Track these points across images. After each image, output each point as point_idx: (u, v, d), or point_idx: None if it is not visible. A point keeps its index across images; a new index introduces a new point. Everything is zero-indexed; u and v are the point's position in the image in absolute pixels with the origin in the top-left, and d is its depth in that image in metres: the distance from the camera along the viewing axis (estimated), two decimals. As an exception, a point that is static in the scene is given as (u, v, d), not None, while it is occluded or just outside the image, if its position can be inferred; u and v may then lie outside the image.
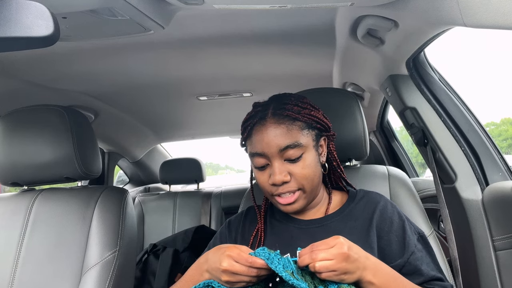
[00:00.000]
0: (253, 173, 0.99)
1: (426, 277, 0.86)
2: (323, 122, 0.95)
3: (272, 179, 0.89)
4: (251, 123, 0.92)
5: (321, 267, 0.71)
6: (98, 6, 0.87)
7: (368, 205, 0.96)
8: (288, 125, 0.89)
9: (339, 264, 0.72)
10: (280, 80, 1.83)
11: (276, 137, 0.88)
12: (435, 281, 0.86)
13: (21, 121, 1.25)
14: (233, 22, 1.19)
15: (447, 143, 1.21)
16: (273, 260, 0.72)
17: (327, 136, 0.98)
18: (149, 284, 1.96)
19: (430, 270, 0.87)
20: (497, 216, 1.11)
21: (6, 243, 1.19)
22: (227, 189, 2.68)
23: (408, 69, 1.23)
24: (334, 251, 0.73)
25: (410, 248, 0.88)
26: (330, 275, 0.73)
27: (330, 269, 0.72)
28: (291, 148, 0.88)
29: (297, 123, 0.90)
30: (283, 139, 0.88)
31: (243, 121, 0.96)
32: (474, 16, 0.68)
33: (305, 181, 0.90)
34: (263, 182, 0.92)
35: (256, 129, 0.91)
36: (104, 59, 1.42)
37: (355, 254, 0.75)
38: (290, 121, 0.90)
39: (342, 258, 0.72)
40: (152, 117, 2.36)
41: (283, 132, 0.88)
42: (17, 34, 0.51)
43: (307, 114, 0.92)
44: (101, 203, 1.21)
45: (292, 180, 0.89)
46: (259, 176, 0.93)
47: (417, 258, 0.87)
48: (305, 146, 0.90)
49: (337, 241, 0.75)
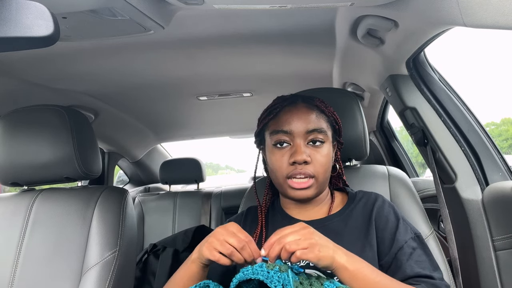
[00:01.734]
0: (258, 167, 1.00)
1: (412, 273, 0.84)
2: (340, 126, 1.02)
3: (294, 156, 0.91)
4: (280, 105, 0.97)
5: (291, 244, 0.73)
6: (98, 6, 0.87)
7: (367, 205, 0.97)
8: (317, 113, 0.96)
9: (308, 240, 0.74)
10: (280, 80, 1.83)
11: (306, 120, 0.94)
12: (424, 278, 0.84)
13: (21, 121, 1.25)
14: (233, 22, 1.19)
15: (447, 143, 1.21)
16: (273, 279, 0.70)
17: (337, 141, 1.03)
18: (149, 284, 1.96)
19: (418, 268, 0.85)
20: (497, 216, 1.11)
21: (6, 243, 1.19)
22: (227, 189, 2.68)
23: (408, 69, 1.23)
24: (300, 230, 0.75)
25: (399, 243, 0.88)
26: (305, 253, 0.73)
27: (300, 245, 0.73)
28: (318, 132, 0.93)
29: (323, 116, 0.97)
30: (312, 123, 0.94)
31: (267, 107, 1.01)
32: (474, 16, 0.68)
33: (321, 169, 0.93)
34: (280, 162, 0.93)
35: (286, 110, 0.96)
36: (104, 59, 1.42)
37: (323, 237, 0.78)
38: (319, 111, 0.97)
39: (308, 234, 0.75)
40: (152, 117, 2.36)
41: (312, 117, 0.95)
42: (17, 34, 0.51)
43: (331, 112, 1.00)
44: (101, 203, 1.21)
45: (310, 164, 0.92)
46: (277, 156, 0.94)
47: (405, 253, 0.87)
48: (327, 136, 0.96)
49: (301, 223, 0.78)
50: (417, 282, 0.83)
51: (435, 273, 0.86)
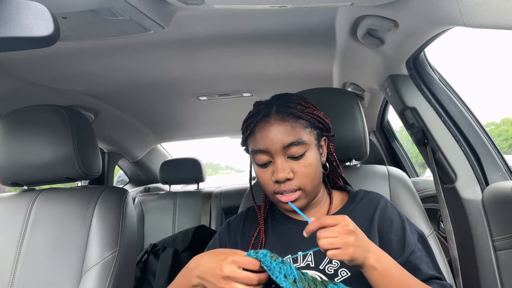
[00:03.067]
0: (253, 172, 0.98)
1: (426, 276, 0.85)
2: (325, 122, 0.96)
3: (275, 175, 0.89)
4: (254, 120, 0.92)
5: (325, 242, 0.72)
6: (98, 6, 0.87)
7: (368, 205, 0.97)
8: (292, 122, 0.90)
9: (343, 240, 0.73)
10: (280, 80, 1.83)
11: (280, 134, 0.88)
12: (433, 279, 0.86)
13: (21, 121, 1.25)
14: (233, 22, 1.19)
15: (447, 143, 1.21)
16: (274, 270, 0.71)
17: (327, 136, 0.99)
18: (149, 284, 1.96)
19: (429, 269, 0.87)
20: (497, 216, 1.11)
21: (6, 243, 1.19)
22: (227, 189, 2.68)
23: (408, 69, 1.23)
24: (338, 227, 0.74)
25: (410, 247, 0.88)
26: (337, 254, 0.73)
27: (334, 245, 0.72)
28: (295, 145, 0.88)
29: (300, 121, 0.91)
30: (287, 136, 0.88)
31: (245, 119, 0.96)
32: (474, 16, 0.68)
33: (307, 180, 0.90)
34: (265, 180, 0.92)
35: (260, 126, 0.91)
36: (104, 59, 1.42)
37: (360, 233, 0.76)
38: (294, 119, 0.90)
39: (345, 233, 0.74)
40: (152, 117, 2.36)
41: (287, 129, 0.89)
42: (17, 34, 0.51)
43: (310, 113, 0.93)
44: (101, 203, 1.21)
45: (294, 178, 0.89)
46: (261, 174, 0.93)
47: (417, 257, 0.87)
48: (308, 144, 0.90)
49: (344, 218, 0.76)
50: (429, 283, 0.85)
51: (441, 274, 0.88)
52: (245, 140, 0.97)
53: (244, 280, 0.72)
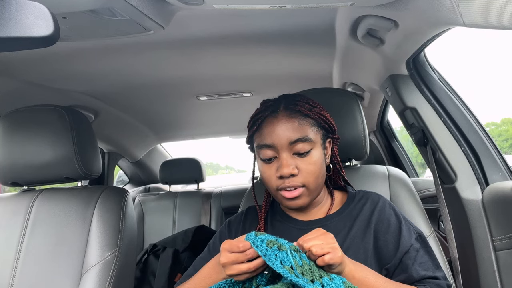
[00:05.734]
0: (256, 168, 0.99)
1: (418, 276, 0.86)
2: (331, 123, 0.98)
3: (280, 171, 0.89)
4: (262, 116, 0.94)
5: (317, 248, 0.74)
6: (98, 6, 0.87)
7: (367, 205, 0.97)
8: (299, 119, 0.91)
9: (330, 245, 0.76)
10: (280, 80, 1.83)
11: (287, 130, 0.90)
12: (428, 279, 0.86)
13: (21, 121, 1.25)
14: (233, 22, 1.19)
15: (447, 143, 1.21)
16: (270, 256, 0.72)
17: (332, 138, 1.00)
18: (149, 284, 1.96)
19: (421, 269, 0.87)
20: (497, 216, 1.11)
21: (6, 243, 1.19)
22: (227, 189, 2.68)
23: (408, 69, 1.23)
24: (320, 236, 0.78)
25: (404, 247, 0.88)
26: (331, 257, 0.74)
27: (325, 250, 0.74)
28: (301, 142, 0.90)
29: (308, 120, 0.93)
30: (294, 132, 0.90)
31: (252, 115, 0.98)
32: (474, 16, 0.68)
33: (311, 178, 0.91)
34: (269, 176, 0.92)
35: (268, 122, 0.93)
36: (104, 59, 1.42)
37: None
38: (302, 117, 0.92)
39: (329, 238, 0.77)
40: (152, 117, 2.36)
41: (294, 126, 0.90)
42: (17, 34, 0.51)
43: (317, 113, 0.95)
44: (101, 203, 1.21)
45: (298, 175, 0.90)
46: (266, 170, 0.93)
47: (410, 257, 0.88)
48: (314, 142, 0.92)
49: (318, 229, 0.81)
50: (422, 283, 0.85)
51: (438, 272, 0.88)
52: (251, 136, 0.98)
53: (237, 259, 0.76)
